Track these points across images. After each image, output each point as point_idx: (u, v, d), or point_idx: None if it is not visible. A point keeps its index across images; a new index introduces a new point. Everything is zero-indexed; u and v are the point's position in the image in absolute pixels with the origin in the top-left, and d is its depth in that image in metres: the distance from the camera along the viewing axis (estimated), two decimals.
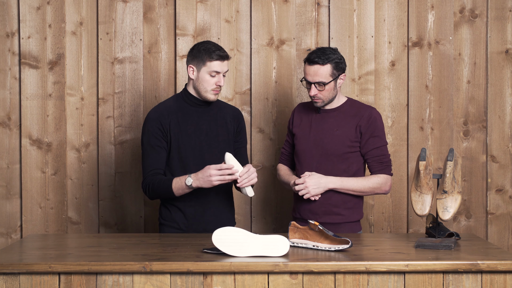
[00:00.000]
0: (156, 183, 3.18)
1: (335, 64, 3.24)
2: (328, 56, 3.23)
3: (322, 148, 3.31)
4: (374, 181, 3.28)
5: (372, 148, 3.29)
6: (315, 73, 3.24)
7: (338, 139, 3.29)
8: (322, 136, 3.32)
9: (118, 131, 3.99)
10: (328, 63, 3.23)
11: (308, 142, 3.35)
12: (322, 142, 3.31)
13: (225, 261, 2.56)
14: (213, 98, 3.23)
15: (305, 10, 3.97)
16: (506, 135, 4.01)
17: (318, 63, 3.22)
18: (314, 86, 3.25)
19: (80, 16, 3.96)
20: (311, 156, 3.33)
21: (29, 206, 3.98)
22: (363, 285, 2.56)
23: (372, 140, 3.29)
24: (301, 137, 3.39)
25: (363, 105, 3.37)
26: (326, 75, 3.24)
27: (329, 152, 3.29)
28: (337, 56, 3.26)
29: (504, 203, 4.03)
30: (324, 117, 3.35)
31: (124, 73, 3.98)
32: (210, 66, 3.18)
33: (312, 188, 3.22)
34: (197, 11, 3.97)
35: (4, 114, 3.97)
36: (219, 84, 3.20)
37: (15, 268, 2.53)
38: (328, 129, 3.32)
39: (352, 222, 3.32)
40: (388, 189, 3.32)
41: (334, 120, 3.33)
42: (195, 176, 3.09)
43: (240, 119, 3.40)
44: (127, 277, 2.55)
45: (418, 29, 3.98)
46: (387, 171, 3.31)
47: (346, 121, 3.31)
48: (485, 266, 2.54)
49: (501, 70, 4.00)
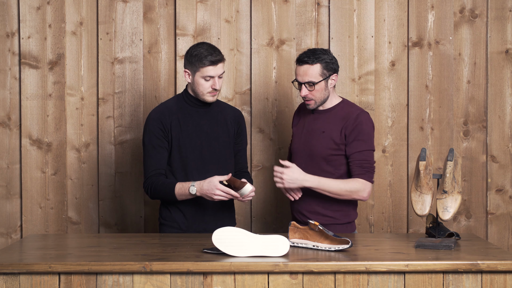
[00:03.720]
0: (159, 185, 3.19)
1: (325, 64, 3.23)
2: (317, 56, 3.22)
3: (309, 149, 3.30)
4: (352, 185, 3.19)
5: (355, 151, 3.22)
6: (304, 73, 3.22)
7: (324, 140, 3.27)
8: (311, 137, 3.31)
9: (118, 131, 3.99)
10: (317, 63, 3.21)
11: (300, 142, 3.35)
12: (309, 143, 3.31)
13: (225, 261, 2.56)
14: (211, 100, 3.23)
15: (305, 10, 3.97)
16: (506, 135, 4.01)
17: (307, 62, 3.21)
18: (304, 86, 3.24)
19: (80, 16, 3.96)
20: (300, 156, 3.33)
21: (29, 206, 3.98)
22: (363, 285, 2.56)
23: (356, 143, 3.22)
24: (295, 136, 3.40)
25: (354, 108, 3.31)
26: (315, 74, 3.22)
27: (315, 154, 3.28)
28: (328, 56, 3.24)
29: (504, 203, 4.02)
30: (316, 118, 3.34)
31: (124, 73, 3.98)
32: (203, 72, 3.17)
33: (287, 181, 3.18)
34: (197, 11, 3.97)
35: (4, 114, 3.97)
36: (214, 88, 3.19)
37: (15, 268, 2.53)
38: (316, 130, 3.31)
39: (343, 224, 3.28)
40: (367, 196, 3.20)
41: (323, 121, 3.31)
42: (199, 186, 3.10)
43: (240, 120, 3.40)
44: (127, 277, 2.55)
45: (418, 29, 3.98)
46: (367, 177, 3.20)
47: (334, 123, 3.28)
48: (485, 266, 2.54)
49: (501, 70, 4.00)
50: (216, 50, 3.19)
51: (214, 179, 3.08)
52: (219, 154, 3.28)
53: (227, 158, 3.31)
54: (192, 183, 3.12)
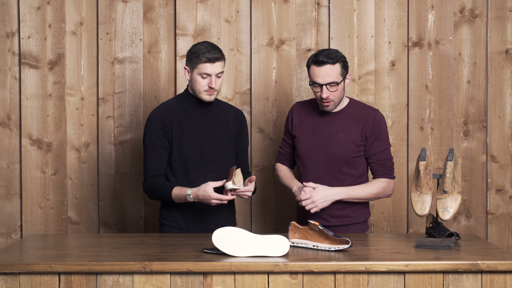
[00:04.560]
0: (158, 186, 3.19)
1: (343, 63, 3.19)
2: (336, 55, 3.16)
3: (327, 153, 3.24)
4: (379, 186, 3.25)
5: (376, 152, 3.24)
6: (326, 74, 3.14)
7: (343, 143, 3.23)
8: (327, 140, 3.25)
9: (118, 131, 3.99)
10: (337, 62, 3.15)
11: (312, 147, 3.28)
12: (327, 147, 3.24)
13: (225, 261, 2.56)
14: (207, 99, 3.22)
15: (305, 10, 3.97)
16: (506, 135, 4.01)
17: (328, 63, 3.13)
18: (326, 88, 3.15)
19: (80, 16, 3.96)
20: (316, 160, 3.26)
21: (29, 206, 3.98)
22: (363, 285, 2.56)
23: (376, 143, 3.24)
24: (303, 140, 3.31)
25: (366, 107, 3.31)
26: (337, 74, 3.16)
27: (335, 157, 3.23)
28: (342, 54, 3.21)
29: (504, 203, 4.02)
30: (328, 120, 3.28)
31: (124, 73, 3.98)
32: (200, 68, 3.17)
33: (319, 202, 3.14)
34: (197, 11, 3.97)
35: (4, 114, 3.97)
36: (210, 86, 3.18)
37: (15, 268, 2.53)
38: (332, 133, 3.25)
39: (360, 223, 3.30)
40: (391, 192, 3.31)
41: (338, 123, 3.25)
42: (195, 194, 3.08)
43: (242, 121, 3.39)
44: (127, 277, 2.55)
45: (418, 29, 3.98)
46: (390, 174, 3.28)
47: (351, 125, 3.24)
48: (485, 266, 2.54)
49: (501, 70, 4.00)
50: (216, 48, 3.19)
51: (208, 188, 3.04)
52: (219, 154, 3.28)
53: (227, 158, 3.30)
54: (188, 190, 3.10)
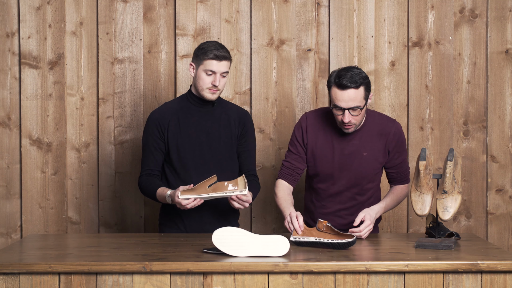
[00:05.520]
0: (147, 185, 3.24)
1: (366, 85, 3.01)
2: (359, 77, 2.98)
3: (350, 172, 3.17)
4: (402, 193, 3.28)
5: (398, 163, 3.23)
6: (349, 99, 2.97)
7: (367, 163, 3.16)
8: (350, 161, 3.16)
9: (118, 131, 3.99)
10: (361, 85, 2.98)
11: (334, 166, 3.18)
12: (350, 167, 3.16)
13: (225, 261, 2.56)
14: (209, 97, 3.22)
15: (305, 10, 3.97)
16: (506, 135, 4.01)
17: (351, 87, 2.96)
18: (348, 112, 3.00)
19: (80, 16, 3.96)
20: (338, 179, 3.19)
21: (29, 206, 3.98)
22: (363, 285, 2.56)
23: (397, 155, 3.21)
24: (322, 159, 3.19)
25: (385, 119, 3.21)
26: (360, 98, 2.99)
27: (359, 176, 3.18)
28: (365, 75, 3.02)
29: (504, 203, 4.02)
30: (350, 139, 3.16)
31: (124, 73, 3.98)
32: (206, 65, 3.17)
33: (372, 226, 3.06)
34: (197, 11, 3.97)
35: (4, 114, 3.97)
36: (214, 84, 3.18)
37: (15, 268, 2.53)
38: (355, 152, 3.15)
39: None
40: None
41: (359, 141, 3.15)
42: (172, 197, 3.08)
43: (246, 121, 3.35)
44: (127, 277, 2.55)
45: (418, 29, 3.98)
46: (408, 180, 3.30)
47: (373, 142, 3.16)
48: (485, 266, 2.54)
49: (501, 70, 4.00)
50: (224, 48, 3.19)
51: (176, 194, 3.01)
52: (219, 155, 3.27)
53: (227, 159, 3.30)
54: (167, 193, 3.10)
